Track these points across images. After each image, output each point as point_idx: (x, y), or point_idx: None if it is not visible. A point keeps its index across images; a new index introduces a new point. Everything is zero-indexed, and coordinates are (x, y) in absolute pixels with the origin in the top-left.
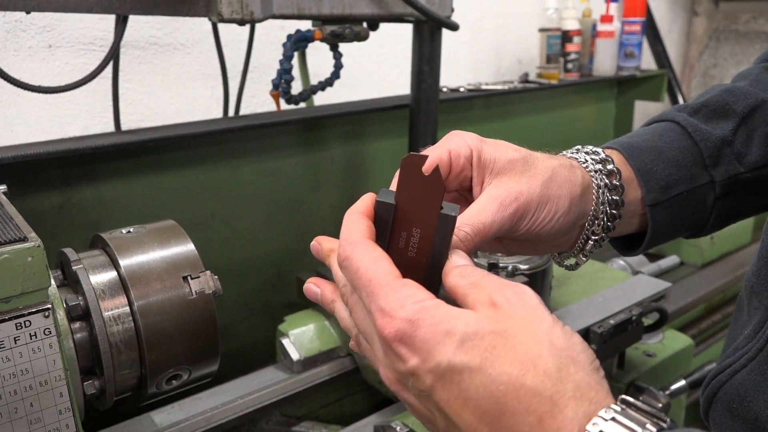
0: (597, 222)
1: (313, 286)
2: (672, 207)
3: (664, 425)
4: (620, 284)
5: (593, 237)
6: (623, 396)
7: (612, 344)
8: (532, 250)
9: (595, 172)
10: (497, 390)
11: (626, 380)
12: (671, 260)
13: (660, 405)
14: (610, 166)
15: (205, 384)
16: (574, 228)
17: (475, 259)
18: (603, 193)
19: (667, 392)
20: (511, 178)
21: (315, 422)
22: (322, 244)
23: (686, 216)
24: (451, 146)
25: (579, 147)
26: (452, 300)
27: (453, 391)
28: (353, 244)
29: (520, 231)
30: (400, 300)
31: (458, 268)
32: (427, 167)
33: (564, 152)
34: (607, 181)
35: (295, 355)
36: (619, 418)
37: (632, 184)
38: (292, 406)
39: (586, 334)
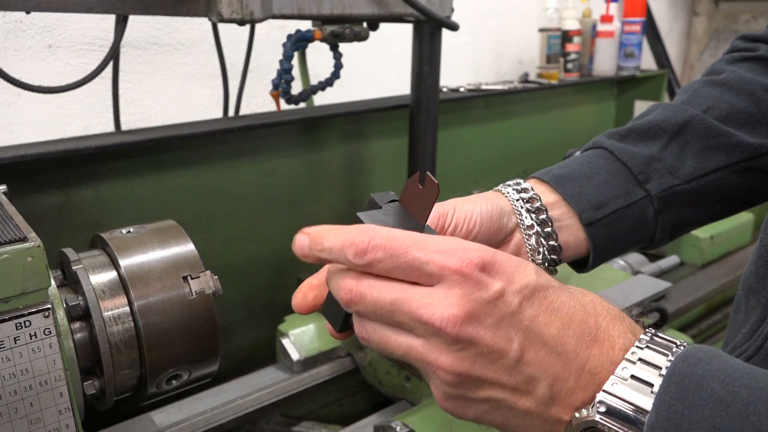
0: (533, 236)
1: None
2: (610, 224)
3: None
4: (620, 284)
5: (537, 256)
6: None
7: None
8: None
9: (517, 200)
10: (579, 300)
11: None
12: (671, 260)
13: None
14: (529, 194)
15: (205, 384)
16: (507, 234)
17: None
18: (526, 214)
19: None
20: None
21: (315, 422)
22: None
23: (628, 232)
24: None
25: (508, 183)
26: None
27: (542, 305)
28: (366, 229)
29: (446, 231)
30: (459, 241)
31: None
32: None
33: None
34: (528, 206)
35: (295, 355)
36: (655, 339)
37: (563, 209)
38: (292, 406)
39: None
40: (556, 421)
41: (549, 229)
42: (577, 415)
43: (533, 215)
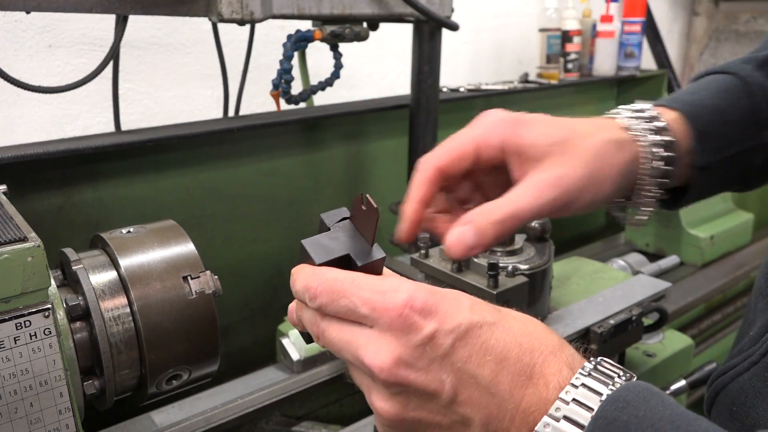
0: (642, 192)
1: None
2: (720, 168)
3: (633, 377)
4: (620, 284)
5: (646, 198)
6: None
7: (612, 344)
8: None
9: (649, 144)
10: (514, 336)
11: None
12: (671, 260)
13: None
14: (668, 137)
15: (205, 384)
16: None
17: (475, 260)
18: (652, 152)
19: (668, 392)
20: (553, 162)
21: (315, 422)
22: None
23: (731, 177)
24: (481, 137)
25: (634, 106)
26: None
27: (474, 345)
28: (318, 273)
29: (559, 215)
30: (396, 281)
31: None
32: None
33: (618, 111)
34: (662, 152)
35: (295, 355)
36: (594, 374)
37: (686, 145)
38: (292, 406)
39: (586, 334)
40: None
41: (666, 180)
42: None
43: (663, 164)
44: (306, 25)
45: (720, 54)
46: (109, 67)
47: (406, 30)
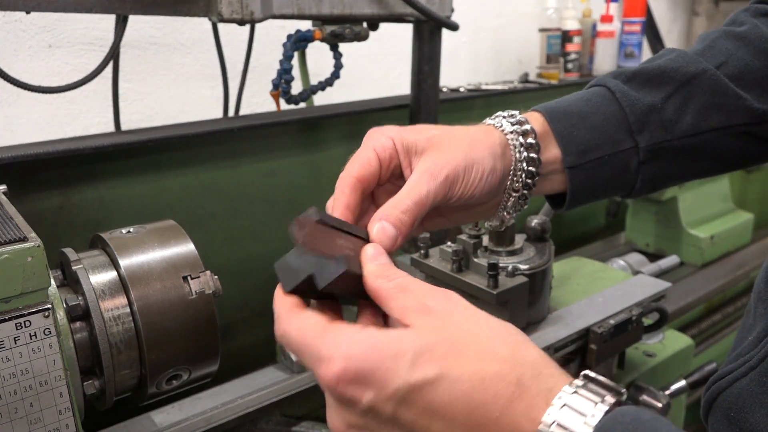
0: (515, 178)
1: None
2: (592, 170)
3: (622, 397)
4: (620, 284)
5: (514, 193)
6: (585, 372)
7: (612, 344)
8: (472, 217)
9: (511, 132)
10: (462, 391)
11: (626, 380)
12: (671, 260)
13: (660, 405)
14: (525, 126)
15: (205, 384)
16: (502, 187)
17: (475, 260)
18: (520, 151)
19: (668, 392)
20: (434, 151)
21: (315, 422)
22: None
23: (608, 179)
24: (375, 144)
25: (498, 113)
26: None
27: (418, 407)
28: (280, 319)
29: (455, 196)
30: (334, 342)
31: (378, 267)
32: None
33: (484, 121)
34: (522, 140)
35: (294, 355)
36: (581, 391)
37: (551, 145)
38: (292, 406)
39: (586, 334)
40: None
41: (534, 169)
42: None
43: (526, 151)
44: (306, 25)
45: None
46: (109, 67)
47: (406, 30)
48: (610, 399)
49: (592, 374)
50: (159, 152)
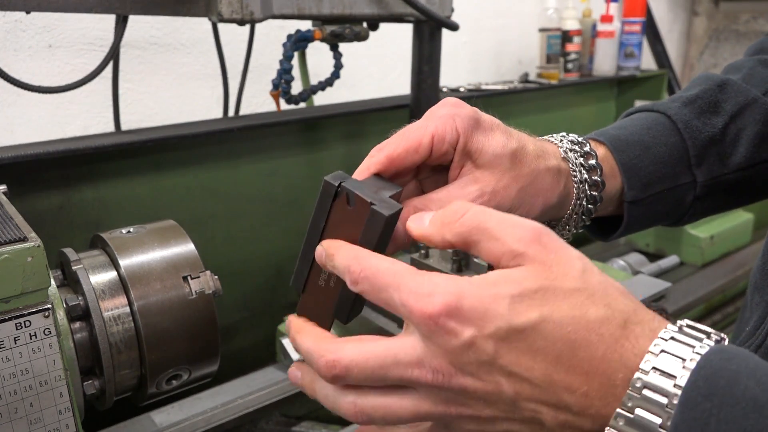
0: (573, 219)
1: (294, 369)
2: (650, 204)
3: (723, 338)
4: (620, 284)
5: (567, 232)
6: (682, 321)
7: None
8: None
9: (577, 166)
10: (565, 333)
11: None
12: (671, 260)
13: None
14: (591, 161)
15: (205, 384)
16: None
17: (475, 260)
18: (582, 189)
19: None
20: (492, 174)
21: (315, 422)
22: (290, 326)
23: (661, 213)
24: (437, 129)
25: (564, 135)
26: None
27: (520, 348)
28: (360, 259)
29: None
30: (432, 281)
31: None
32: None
33: (549, 137)
34: (587, 176)
35: (295, 355)
36: (678, 336)
37: (615, 178)
38: (292, 406)
39: None
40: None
41: (592, 207)
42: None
43: (588, 189)
44: (306, 25)
45: (720, 54)
46: (109, 67)
47: (406, 30)
48: (709, 342)
49: (689, 321)
50: (159, 152)
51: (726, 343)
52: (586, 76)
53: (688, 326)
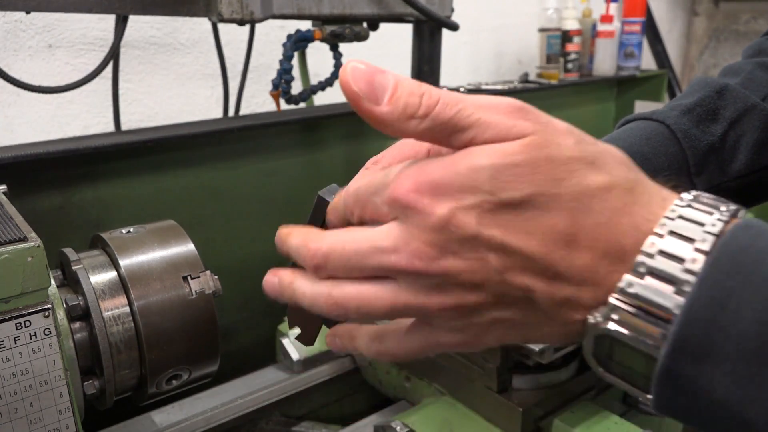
0: None
1: (270, 276)
2: None
3: (738, 209)
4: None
5: None
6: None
7: None
8: None
9: None
10: (563, 203)
11: None
12: None
13: None
14: None
15: (205, 384)
16: None
17: None
18: None
19: None
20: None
21: (315, 422)
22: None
23: None
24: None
25: None
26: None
27: (511, 223)
28: (348, 187)
29: None
30: (397, 168)
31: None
32: None
33: None
34: None
35: (295, 355)
36: (694, 204)
37: None
38: (292, 406)
39: None
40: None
41: None
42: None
43: None
44: (306, 25)
45: (720, 54)
46: (109, 67)
47: (406, 30)
48: (725, 209)
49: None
50: (159, 152)
51: (744, 213)
52: (586, 76)
53: (704, 196)
